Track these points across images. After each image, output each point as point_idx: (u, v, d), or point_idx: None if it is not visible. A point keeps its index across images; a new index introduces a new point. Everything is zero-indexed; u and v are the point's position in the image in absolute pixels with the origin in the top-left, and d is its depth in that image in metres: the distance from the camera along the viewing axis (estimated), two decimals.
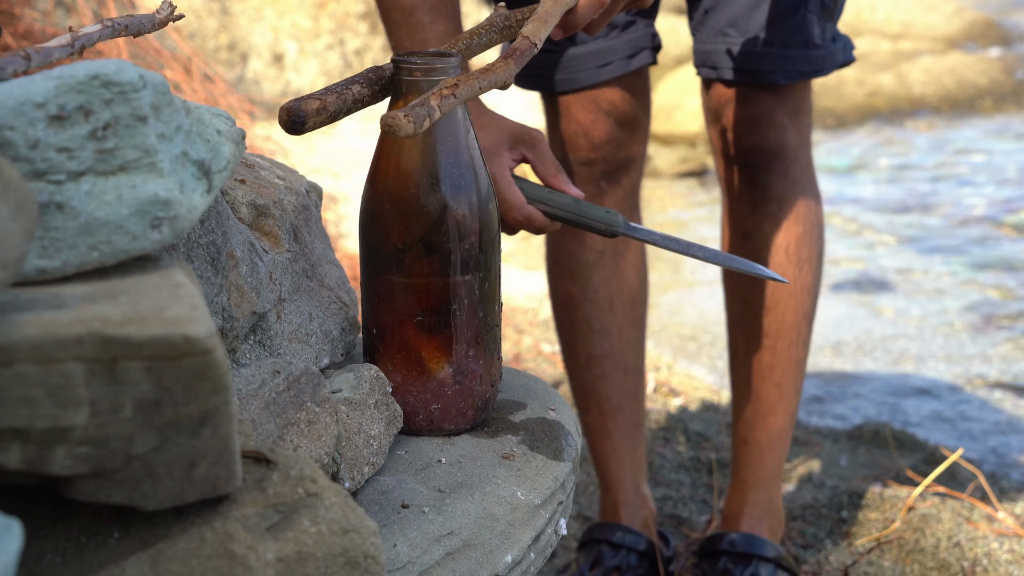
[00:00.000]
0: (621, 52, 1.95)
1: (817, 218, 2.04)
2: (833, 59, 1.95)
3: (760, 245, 2.02)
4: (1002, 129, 6.09)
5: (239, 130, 1.09)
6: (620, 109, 1.98)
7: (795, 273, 2.02)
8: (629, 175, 2.04)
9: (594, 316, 2.08)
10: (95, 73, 0.92)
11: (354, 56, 6.48)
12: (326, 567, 0.89)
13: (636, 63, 1.97)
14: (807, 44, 1.91)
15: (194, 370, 0.83)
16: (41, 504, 0.91)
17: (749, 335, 2.06)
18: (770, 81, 1.92)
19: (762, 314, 2.04)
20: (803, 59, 1.92)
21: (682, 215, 4.95)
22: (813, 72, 1.94)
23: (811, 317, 2.07)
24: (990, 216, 4.76)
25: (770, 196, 1.99)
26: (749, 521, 2.07)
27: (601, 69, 1.95)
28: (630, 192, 2.06)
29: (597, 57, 1.94)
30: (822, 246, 2.06)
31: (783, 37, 1.90)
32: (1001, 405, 3.20)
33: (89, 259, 0.92)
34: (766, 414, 2.06)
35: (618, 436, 2.11)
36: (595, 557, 2.08)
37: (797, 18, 1.90)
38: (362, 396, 1.21)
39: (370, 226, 1.28)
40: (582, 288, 2.07)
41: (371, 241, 1.28)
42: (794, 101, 1.95)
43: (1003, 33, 7.87)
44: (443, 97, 1.11)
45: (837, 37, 1.97)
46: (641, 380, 2.15)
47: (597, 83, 1.95)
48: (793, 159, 1.97)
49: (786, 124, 1.95)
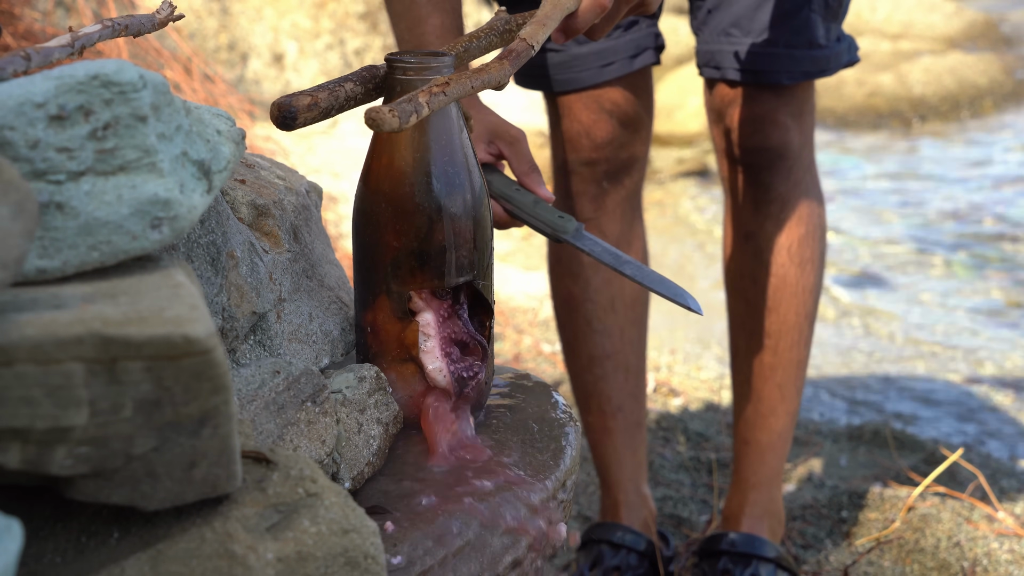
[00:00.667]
0: (624, 52, 1.95)
1: (819, 219, 2.04)
2: (838, 59, 1.95)
3: (762, 246, 2.01)
4: (1002, 128, 6.09)
5: (239, 130, 1.09)
6: (623, 109, 1.98)
7: (797, 273, 2.02)
8: (631, 175, 2.04)
9: (595, 316, 2.08)
10: (95, 73, 0.92)
11: (354, 56, 6.48)
12: (326, 567, 0.89)
13: (639, 63, 1.97)
14: (811, 44, 1.91)
15: (194, 370, 0.83)
16: (41, 504, 0.91)
17: (751, 336, 2.06)
18: (774, 81, 1.92)
19: (764, 315, 2.04)
20: (807, 59, 1.92)
21: (682, 215, 4.95)
22: (817, 72, 1.93)
23: (813, 317, 2.07)
24: (990, 215, 4.76)
25: (772, 197, 1.99)
26: (749, 521, 2.07)
27: (604, 69, 1.94)
28: (632, 192, 2.06)
29: (600, 57, 1.94)
30: (824, 246, 2.06)
31: (787, 37, 1.90)
32: (1002, 405, 3.20)
33: (89, 259, 0.92)
34: (767, 415, 2.06)
35: (619, 436, 2.11)
36: (595, 557, 2.08)
37: (801, 18, 1.89)
38: (362, 396, 1.21)
39: (363, 225, 1.28)
40: (583, 288, 2.07)
41: (364, 240, 1.28)
42: (797, 102, 1.95)
43: (1003, 33, 7.87)
44: (432, 95, 1.11)
45: (842, 37, 1.96)
46: (642, 380, 2.14)
47: (599, 83, 1.95)
48: (796, 160, 1.97)
49: (789, 125, 1.95)
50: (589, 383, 2.10)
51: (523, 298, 3.70)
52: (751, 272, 2.04)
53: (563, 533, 1.25)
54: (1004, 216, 4.75)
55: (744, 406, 2.08)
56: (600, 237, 2.02)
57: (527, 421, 1.32)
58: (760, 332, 2.05)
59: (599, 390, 2.10)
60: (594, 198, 2.01)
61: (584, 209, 2.03)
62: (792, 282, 2.02)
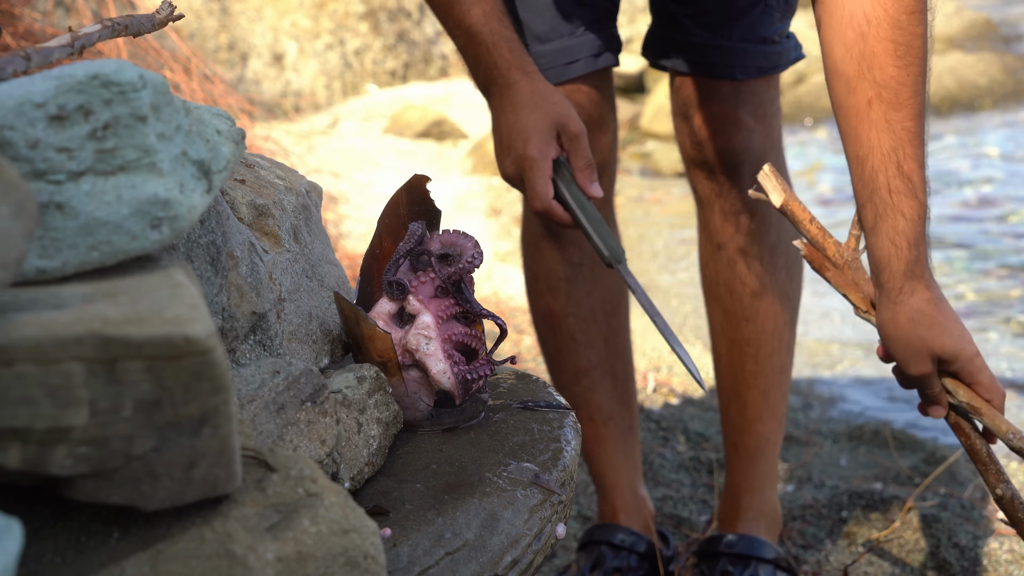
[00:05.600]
0: (588, 50, 1.91)
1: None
2: (787, 56, 1.95)
3: (735, 256, 2.00)
4: (1002, 128, 6.10)
5: (239, 130, 1.09)
6: (587, 111, 1.93)
7: (772, 282, 2.01)
8: (600, 180, 2.01)
9: (578, 329, 2.05)
10: (95, 73, 0.92)
11: (354, 56, 6.48)
12: (326, 567, 0.89)
13: (602, 62, 1.93)
14: (765, 40, 1.90)
15: (194, 370, 0.83)
16: (41, 504, 0.91)
17: (731, 344, 2.06)
18: (727, 76, 1.90)
19: (742, 324, 2.03)
20: (760, 54, 1.90)
21: (682, 215, 4.95)
22: (770, 68, 1.92)
23: (793, 323, 2.06)
24: (991, 213, 4.76)
25: (740, 207, 1.98)
26: (744, 524, 2.07)
27: (568, 67, 1.90)
28: (603, 201, 2.01)
29: (563, 54, 1.90)
30: (799, 250, 2.05)
31: (741, 31, 1.89)
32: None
33: (89, 259, 0.92)
34: (753, 420, 2.06)
35: (612, 444, 2.10)
36: (596, 558, 2.08)
37: (756, 12, 1.89)
38: (362, 396, 1.21)
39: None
40: (564, 303, 2.04)
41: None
42: (757, 100, 1.93)
43: (1003, 33, 7.87)
44: None
45: (790, 35, 1.97)
46: (631, 385, 2.13)
47: (563, 81, 1.90)
48: (761, 163, 1.95)
49: (751, 125, 1.93)
50: (578, 395, 2.09)
51: (523, 298, 3.69)
52: (726, 282, 2.03)
53: (562, 533, 1.25)
54: (1005, 213, 4.75)
55: (731, 412, 2.08)
56: (575, 250, 2.01)
57: (527, 421, 1.32)
58: (740, 340, 2.04)
59: (588, 401, 2.08)
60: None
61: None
62: (768, 291, 2.01)
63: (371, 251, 1.37)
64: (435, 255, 1.33)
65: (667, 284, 4.12)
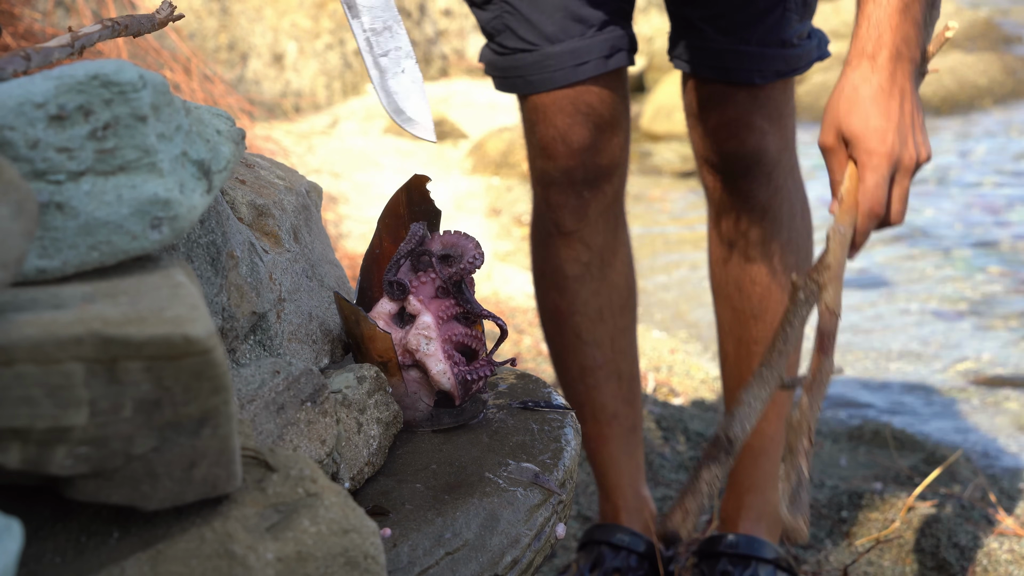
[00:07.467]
0: (599, 51, 1.90)
1: (803, 222, 2.02)
2: (809, 56, 1.93)
3: (747, 254, 2.00)
4: (1002, 128, 6.10)
5: (239, 130, 1.09)
6: (598, 112, 1.92)
7: (781, 281, 2.01)
8: (611, 182, 1.99)
9: (584, 328, 2.05)
10: (95, 73, 0.92)
11: (354, 56, 6.48)
12: (326, 567, 0.89)
13: (614, 63, 1.91)
14: (784, 43, 1.88)
15: (194, 370, 0.83)
16: (41, 504, 0.91)
17: (739, 342, 2.05)
18: (745, 81, 1.89)
19: (751, 322, 2.03)
20: (780, 58, 1.89)
21: (683, 215, 4.95)
22: (790, 71, 1.91)
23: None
24: (991, 212, 4.76)
25: (753, 205, 1.97)
26: (746, 524, 2.07)
27: (578, 68, 1.89)
28: (613, 200, 2.01)
29: (574, 56, 1.89)
30: (811, 250, 2.04)
31: (760, 35, 1.88)
32: (1003, 404, 3.20)
33: (89, 259, 0.92)
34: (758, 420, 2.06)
35: (615, 443, 2.10)
36: (596, 558, 2.08)
37: (775, 16, 1.87)
38: (362, 396, 1.21)
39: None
40: (571, 301, 2.04)
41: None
42: (773, 103, 1.92)
43: (1003, 33, 7.87)
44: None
45: (812, 33, 1.94)
46: (636, 384, 2.13)
47: (574, 82, 1.89)
48: (775, 165, 1.94)
49: (766, 129, 1.92)
50: (582, 393, 2.08)
51: (523, 298, 3.70)
52: (736, 280, 2.03)
53: (562, 533, 1.25)
54: (1005, 215, 4.75)
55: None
56: (584, 249, 2.00)
57: (527, 421, 1.32)
58: (748, 339, 2.04)
59: (593, 399, 2.08)
60: (575, 209, 1.97)
61: (566, 221, 1.99)
62: (778, 289, 2.01)
63: (371, 251, 1.37)
64: (436, 256, 1.33)
65: (664, 282, 4.13)
